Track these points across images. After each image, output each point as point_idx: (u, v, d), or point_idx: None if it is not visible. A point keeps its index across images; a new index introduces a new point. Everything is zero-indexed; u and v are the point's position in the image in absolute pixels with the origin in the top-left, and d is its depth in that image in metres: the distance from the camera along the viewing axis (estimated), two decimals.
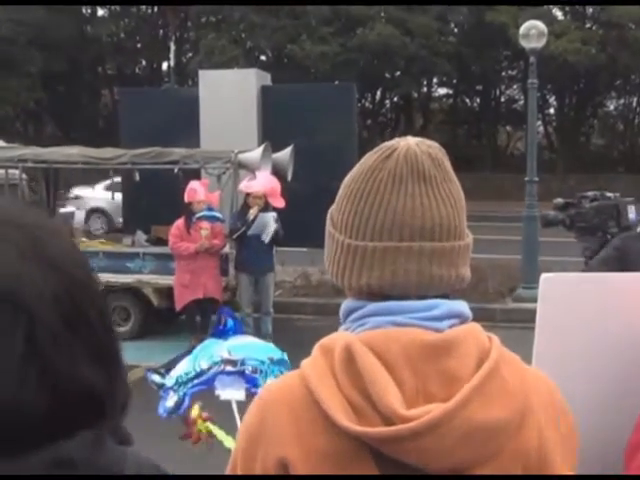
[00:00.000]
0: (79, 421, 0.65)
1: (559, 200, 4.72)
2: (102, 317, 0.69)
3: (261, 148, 8.60)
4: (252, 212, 7.74)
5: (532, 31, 9.75)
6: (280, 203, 7.83)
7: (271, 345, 3.70)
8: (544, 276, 1.56)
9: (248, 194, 7.89)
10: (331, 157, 9.80)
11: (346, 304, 1.10)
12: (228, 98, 9.95)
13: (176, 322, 8.65)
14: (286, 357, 3.48)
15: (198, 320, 8.14)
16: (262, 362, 3.34)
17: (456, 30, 29.06)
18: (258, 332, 7.63)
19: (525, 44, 9.91)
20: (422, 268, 1.05)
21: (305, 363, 1.05)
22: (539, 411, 1.05)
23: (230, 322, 3.63)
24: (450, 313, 1.06)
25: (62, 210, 10.15)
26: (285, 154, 8.98)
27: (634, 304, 1.59)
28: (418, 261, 1.05)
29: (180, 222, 7.97)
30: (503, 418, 1.00)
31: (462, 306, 1.08)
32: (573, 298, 1.58)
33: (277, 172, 8.59)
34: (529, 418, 1.03)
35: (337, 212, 1.12)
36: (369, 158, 1.10)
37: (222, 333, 3.60)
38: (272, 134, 9.59)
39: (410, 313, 1.04)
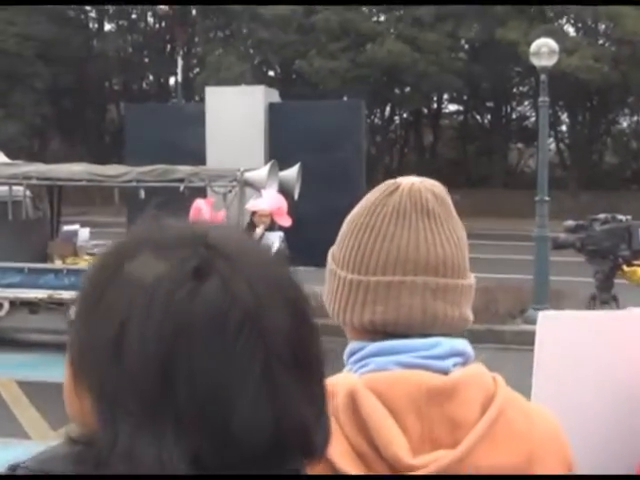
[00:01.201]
0: (290, 456, 0.68)
1: (570, 222, 4.70)
2: (320, 355, 0.73)
3: (268, 166, 8.63)
4: (258, 231, 7.74)
5: (543, 49, 9.77)
6: (287, 222, 7.85)
7: None
8: (542, 314, 1.57)
9: (254, 213, 7.91)
10: (339, 175, 9.82)
11: (349, 346, 1.10)
12: (235, 115, 9.99)
13: None
14: None
15: None
16: None
17: (466, 47, 29.18)
18: None
19: (536, 62, 9.92)
20: (426, 304, 1.05)
21: None
22: (547, 452, 1.04)
23: None
24: (452, 351, 1.05)
25: (65, 228, 10.15)
26: (292, 172, 9.00)
27: (633, 342, 1.58)
28: (422, 296, 1.04)
29: None
30: (510, 463, 0.99)
31: (464, 345, 1.08)
32: (572, 336, 1.57)
33: (284, 190, 8.61)
34: (537, 461, 1.02)
35: (339, 249, 1.12)
36: (371, 195, 1.11)
37: None
38: (279, 151, 9.61)
39: (413, 352, 1.03)
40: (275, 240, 7.73)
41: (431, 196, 1.08)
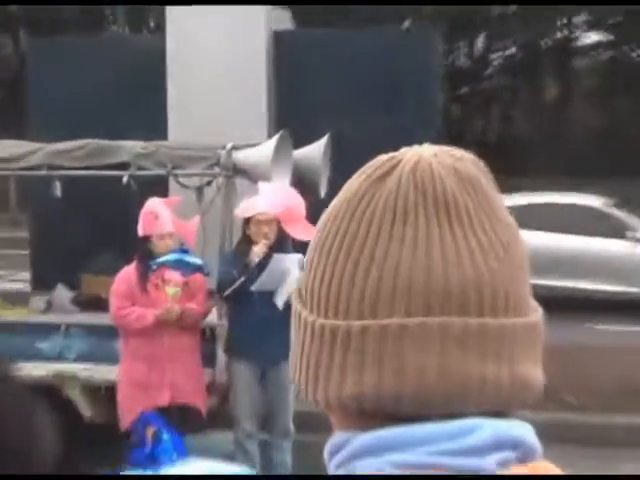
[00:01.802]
0: None
1: None
2: None
3: (274, 140, 8.62)
4: (257, 251, 7.73)
5: None
6: (305, 234, 7.80)
7: (234, 468, 3.69)
8: None
9: (249, 220, 7.87)
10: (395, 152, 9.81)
11: (330, 441, 1.13)
12: (216, 54, 10.02)
13: (120, 449, 8.58)
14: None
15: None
16: None
17: None
18: (270, 465, 7.56)
19: None
20: (449, 362, 1.06)
21: None
22: None
23: (164, 437, 3.66)
24: (498, 440, 1.05)
25: None
26: (316, 150, 9.02)
27: None
28: (441, 349, 1.06)
29: (130, 271, 8.04)
30: None
31: (522, 430, 1.09)
32: None
33: (301, 181, 8.60)
34: None
35: (306, 278, 1.16)
36: (354, 181, 1.14)
37: (150, 458, 3.60)
38: (293, 115, 9.63)
39: (429, 445, 1.05)
40: (292, 266, 7.66)
41: (452, 178, 1.09)
